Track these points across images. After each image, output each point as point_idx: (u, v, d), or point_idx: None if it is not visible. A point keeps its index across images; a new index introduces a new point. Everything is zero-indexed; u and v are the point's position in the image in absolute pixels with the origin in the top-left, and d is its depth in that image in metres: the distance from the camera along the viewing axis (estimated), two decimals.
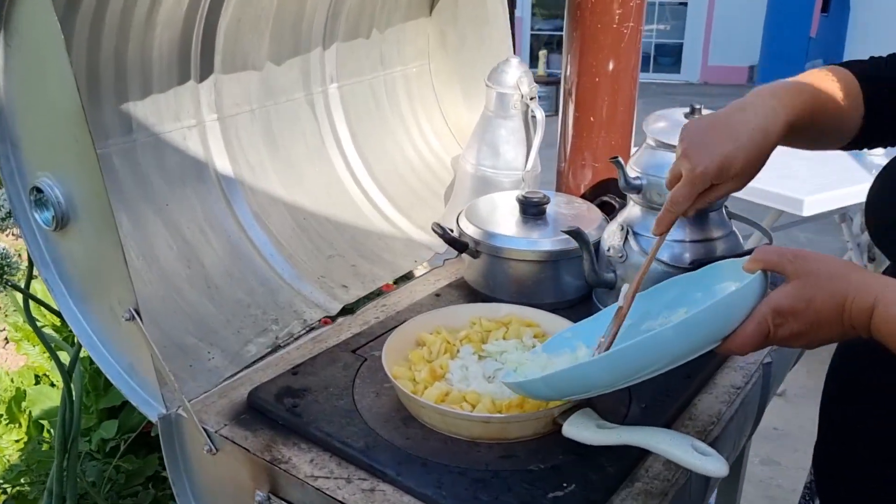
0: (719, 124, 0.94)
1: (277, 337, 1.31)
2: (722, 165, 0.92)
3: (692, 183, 0.94)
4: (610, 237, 1.25)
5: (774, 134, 0.93)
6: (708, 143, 0.93)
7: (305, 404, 1.10)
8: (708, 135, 0.94)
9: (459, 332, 1.20)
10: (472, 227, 1.37)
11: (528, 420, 1.00)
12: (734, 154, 0.92)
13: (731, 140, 0.92)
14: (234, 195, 1.44)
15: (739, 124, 0.93)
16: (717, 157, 0.92)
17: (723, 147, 0.92)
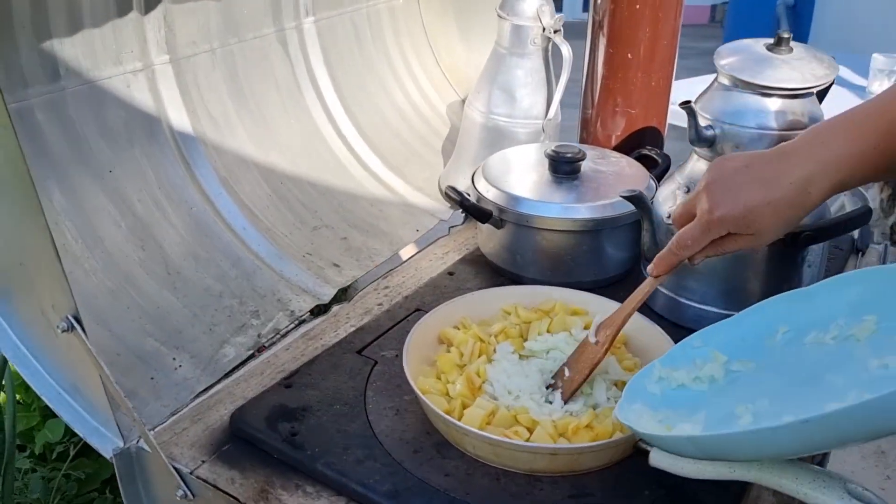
0: (755, 167, 0.79)
1: (260, 335, 1.06)
2: (744, 216, 0.77)
3: (706, 228, 0.80)
4: (670, 201, 1.02)
5: (816, 194, 0.77)
6: (735, 186, 0.78)
7: (307, 430, 0.86)
8: (739, 176, 0.79)
9: (492, 326, 0.97)
10: (492, 189, 1.12)
11: (605, 449, 0.78)
12: (761, 207, 0.77)
13: (763, 189, 0.77)
14: (195, 157, 1.17)
15: (778, 173, 0.77)
16: (741, 206, 0.77)
17: (751, 195, 0.77)
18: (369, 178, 1.37)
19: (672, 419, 0.76)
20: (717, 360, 0.81)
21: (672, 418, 0.76)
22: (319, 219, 1.26)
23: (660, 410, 0.77)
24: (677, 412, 0.78)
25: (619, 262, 1.13)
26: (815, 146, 0.77)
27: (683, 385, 0.80)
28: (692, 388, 0.80)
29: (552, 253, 1.10)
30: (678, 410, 0.78)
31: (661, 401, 0.79)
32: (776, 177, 0.76)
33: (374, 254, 1.24)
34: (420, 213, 1.35)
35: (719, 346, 0.82)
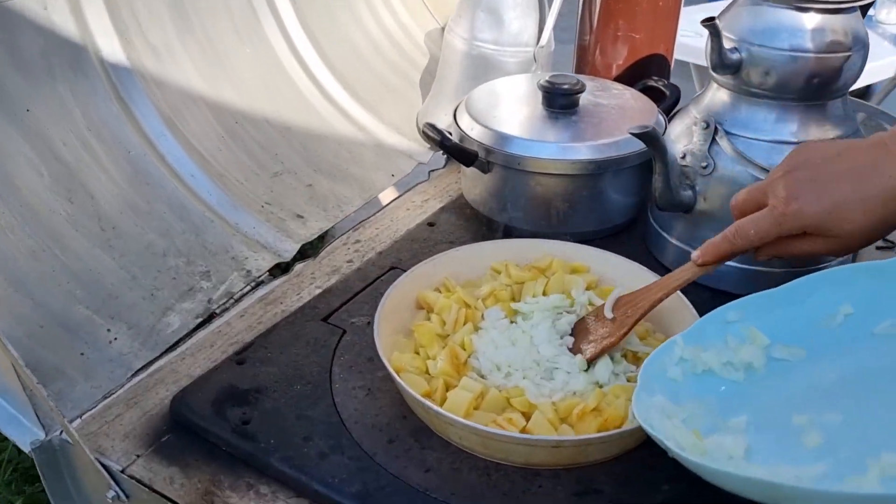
0: (848, 155, 0.67)
1: (210, 300, 0.91)
2: (829, 212, 0.66)
3: (778, 221, 0.67)
4: (684, 139, 0.87)
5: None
6: (823, 177, 0.66)
7: (261, 416, 0.72)
8: (827, 167, 0.67)
9: (479, 288, 0.83)
10: (478, 127, 0.97)
11: (615, 439, 0.65)
12: (851, 204, 0.65)
13: (856, 187, 0.65)
14: (132, 92, 1.00)
15: (876, 164, 0.65)
16: (827, 202, 0.66)
17: (840, 191, 0.65)
18: (337, 116, 1.21)
19: (701, 419, 0.62)
20: (755, 342, 0.67)
21: (701, 418, 0.63)
22: (280, 163, 1.11)
23: (683, 404, 0.63)
24: (706, 408, 0.64)
25: (623, 209, 0.99)
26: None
27: (711, 370, 0.66)
28: (723, 376, 0.66)
29: (547, 200, 0.95)
30: (707, 405, 0.64)
31: (683, 390, 0.65)
32: (873, 168, 0.63)
33: (344, 202, 1.09)
34: (396, 155, 1.20)
35: (760, 324, 0.68)
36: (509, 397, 0.69)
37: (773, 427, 0.61)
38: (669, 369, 0.66)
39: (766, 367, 0.66)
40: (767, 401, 0.64)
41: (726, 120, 0.84)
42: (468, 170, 0.99)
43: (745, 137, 0.83)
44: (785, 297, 0.68)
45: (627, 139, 0.93)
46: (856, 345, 0.65)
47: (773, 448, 0.60)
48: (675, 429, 0.60)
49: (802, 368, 0.66)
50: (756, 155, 0.82)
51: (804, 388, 0.64)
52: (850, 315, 0.67)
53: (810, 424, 0.60)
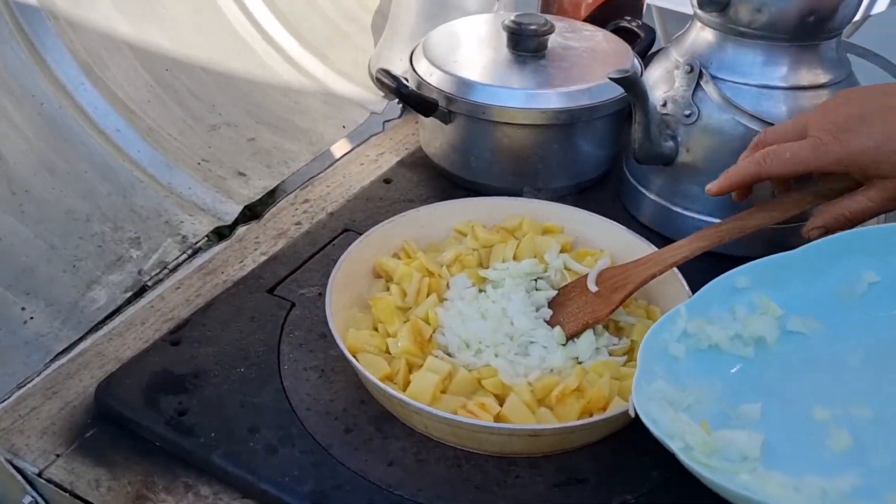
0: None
1: (141, 270, 0.81)
2: (881, 147, 0.58)
3: (822, 149, 0.60)
4: (663, 84, 0.79)
5: None
6: (870, 114, 0.59)
7: (200, 405, 0.64)
8: (874, 104, 0.60)
9: (443, 253, 0.75)
10: (437, 73, 0.88)
11: (600, 424, 0.58)
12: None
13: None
14: (42, 36, 0.88)
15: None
16: (879, 134, 0.58)
17: (890, 124, 0.58)
18: (281, 62, 1.10)
19: (709, 406, 0.55)
20: (768, 313, 0.59)
21: (708, 404, 0.55)
22: (218, 114, 1.00)
23: (688, 388, 0.56)
24: (714, 392, 0.57)
25: (596, 162, 0.91)
26: None
27: (718, 346, 0.59)
28: (731, 352, 0.59)
29: (515, 153, 0.87)
30: (715, 388, 0.57)
31: (687, 370, 0.57)
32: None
33: (290, 157, 0.99)
34: (346, 104, 1.10)
35: (773, 292, 0.60)
36: (480, 378, 0.62)
37: (791, 420, 0.54)
38: (671, 346, 0.58)
39: (780, 341, 0.59)
40: (783, 385, 0.57)
41: (712, 63, 0.77)
42: (427, 120, 0.90)
43: (732, 82, 0.76)
44: (801, 261, 0.60)
45: (601, 85, 0.85)
46: (881, 319, 0.58)
47: (794, 448, 0.52)
48: (683, 424, 0.52)
49: (821, 345, 0.59)
50: (744, 101, 0.75)
51: (824, 369, 0.57)
52: (875, 284, 0.59)
53: (835, 421, 0.53)
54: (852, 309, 0.59)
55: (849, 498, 0.47)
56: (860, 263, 0.59)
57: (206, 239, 0.86)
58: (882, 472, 0.50)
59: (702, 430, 0.52)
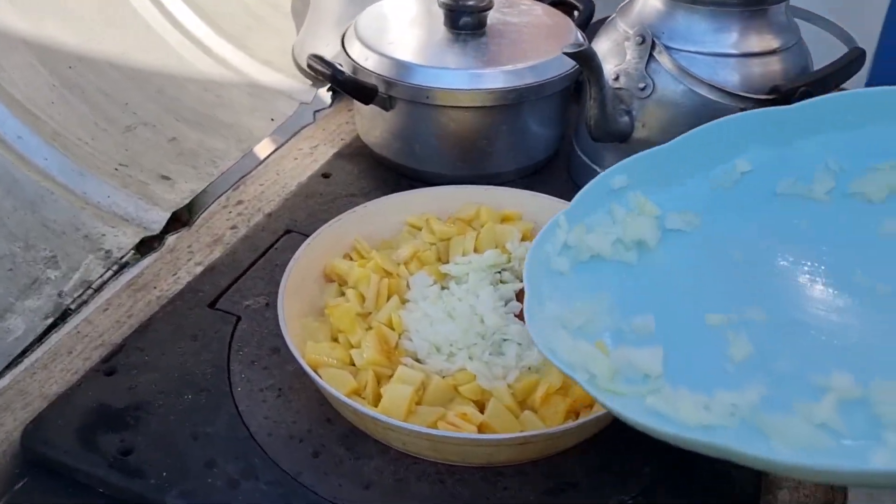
0: None
1: (62, 293, 0.73)
2: None
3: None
4: (613, 57, 0.76)
5: None
6: None
7: (146, 442, 0.57)
8: None
9: (398, 250, 0.69)
10: (373, 56, 0.82)
11: (591, 424, 0.54)
12: None
13: None
14: None
15: None
16: None
17: None
18: (198, 54, 1.02)
19: (601, 323, 0.52)
20: (645, 212, 0.56)
21: (601, 321, 0.52)
22: (133, 114, 0.91)
23: (577, 306, 0.52)
24: (604, 307, 0.54)
25: (545, 143, 0.87)
26: None
27: (600, 256, 0.55)
28: (613, 258, 0.56)
29: (462, 137, 0.82)
30: (604, 303, 0.54)
31: (574, 286, 0.53)
32: None
33: (218, 156, 0.92)
34: (273, 95, 1.03)
35: (648, 189, 0.57)
36: (456, 385, 0.57)
37: (686, 331, 0.51)
38: (554, 260, 0.54)
39: (661, 242, 0.56)
40: (672, 290, 0.54)
41: (663, 33, 0.74)
42: (364, 108, 0.84)
43: (686, 52, 0.73)
44: (673, 154, 0.57)
45: (548, 62, 0.81)
46: (757, 206, 0.56)
47: (694, 361, 0.50)
48: (582, 352, 0.49)
49: (702, 242, 0.56)
50: (699, 71, 0.72)
51: (710, 269, 0.54)
52: (748, 173, 0.57)
53: (732, 327, 0.50)
54: (728, 199, 0.57)
55: (759, 410, 0.46)
56: (732, 150, 0.57)
57: (132, 252, 0.78)
58: (787, 379, 0.48)
59: (600, 354, 0.49)
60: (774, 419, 0.45)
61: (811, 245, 0.55)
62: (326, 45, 0.99)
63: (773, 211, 0.57)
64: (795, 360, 0.50)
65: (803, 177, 0.56)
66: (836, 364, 0.47)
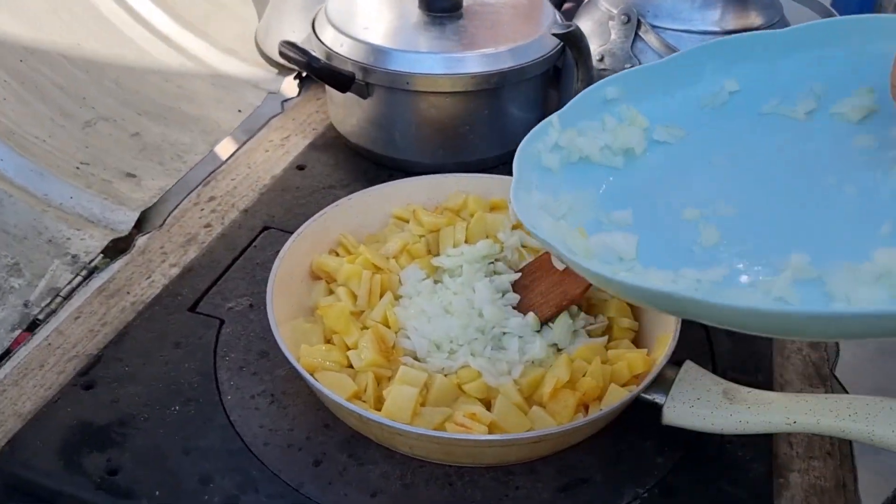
0: None
1: (28, 302, 0.69)
2: None
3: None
4: (597, 38, 0.74)
5: None
6: None
7: (134, 459, 0.54)
8: None
9: (387, 244, 0.67)
10: (348, 41, 0.79)
11: (603, 418, 0.52)
12: None
13: None
14: None
15: None
16: None
17: None
18: (156, 43, 0.97)
19: (582, 214, 0.54)
20: (635, 123, 0.57)
21: (582, 212, 0.54)
22: (91, 108, 0.87)
23: (562, 198, 0.54)
24: (587, 201, 0.56)
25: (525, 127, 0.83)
26: None
27: (588, 158, 0.57)
28: (601, 162, 0.57)
29: (444, 124, 0.80)
30: (587, 197, 0.56)
31: (560, 181, 0.55)
32: None
33: (185, 151, 0.87)
34: (238, 85, 0.99)
35: (639, 102, 0.58)
36: (461, 383, 0.55)
37: (662, 223, 0.54)
38: (545, 157, 0.55)
39: (648, 152, 0.58)
40: (653, 191, 0.56)
41: (648, 11, 0.72)
42: (339, 96, 0.81)
43: (672, 30, 0.72)
44: (665, 71, 0.59)
45: (528, 44, 0.79)
46: (741, 126, 0.57)
47: (667, 247, 0.52)
48: (562, 230, 0.51)
49: (686, 153, 0.57)
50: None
51: (690, 176, 0.56)
52: (735, 93, 0.58)
53: (703, 219, 0.53)
54: (715, 117, 0.58)
55: (721, 285, 0.49)
56: (721, 72, 0.58)
57: (100, 256, 0.74)
58: (749, 261, 0.50)
59: (580, 236, 0.51)
60: (735, 291, 0.48)
61: (788, 155, 0.56)
62: (293, 31, 0.95)
63: (755, 126, 0.58)
64: (759, 245, 0.52)
65: (787, 98, 0.57)
66: (796, 248, 0.49)
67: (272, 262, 0.70)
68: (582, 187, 0.56)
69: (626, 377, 0.56)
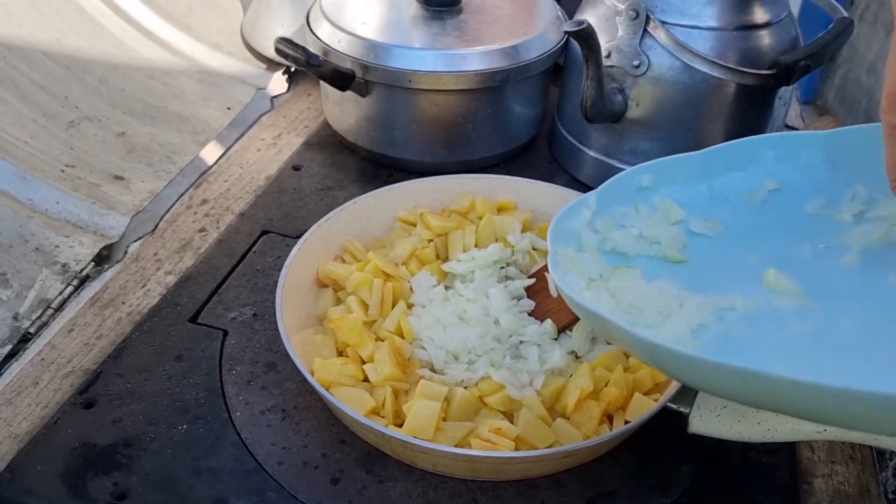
0: None
1: (17, 315, 0.65)
2: None
3: None
4: (603, 34, 0.72)
5: None
6: None
7: (141, 481, 0.51)
8: None
9: (394, 249, 0.65)
10: (346, 37, 0.76)
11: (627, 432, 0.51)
12: None
13: None
14: None
15: None
16: None
17: None
18: (140, 39, 0.94)
19: None
20: (669, 214, 0.57)
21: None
22: (75, 107, 0.83)
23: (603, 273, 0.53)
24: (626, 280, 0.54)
25: (528, 124, 0.83)
26: None
27: (622, 252, 0.56)
28: (637, 252, 0.56)
29: (446, 122, 0.77)
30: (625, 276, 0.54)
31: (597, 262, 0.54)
32: None
33: (174, 152, 0.84)
34: (226, 81, 0.95)
35: (675, 193, 0.57)
36: (482, 395, 0.53)
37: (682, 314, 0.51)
38: (583, 235, 0.55)
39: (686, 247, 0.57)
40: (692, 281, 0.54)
41: (657, 6, 0.70)
42: (335, 93, 0.78)
43: (682, 26, 0.70)
44: (703, 163, 0.58)
45: (531, 40, 0.77)
46: (781, 220, 0.57)
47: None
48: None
49: (721, 247, 0.56)
50: (697, 45, 0.70)
51: (721, 268, 0.55)
52: (775, 189, 0.58)
53: (722, 311, 0.51)
54: (751, 213, 0.58)
55: None
56: (761, 168, 0.58)
57: (91, 264, 0.71)
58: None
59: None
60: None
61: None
62: (282, 25, 0.92)
63: (799, 226, 0.57)
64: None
65: (832, 200, 0.56)
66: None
67: (273, 268, 0.68)
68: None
69: (648, 385, 0.55)
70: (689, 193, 0.58)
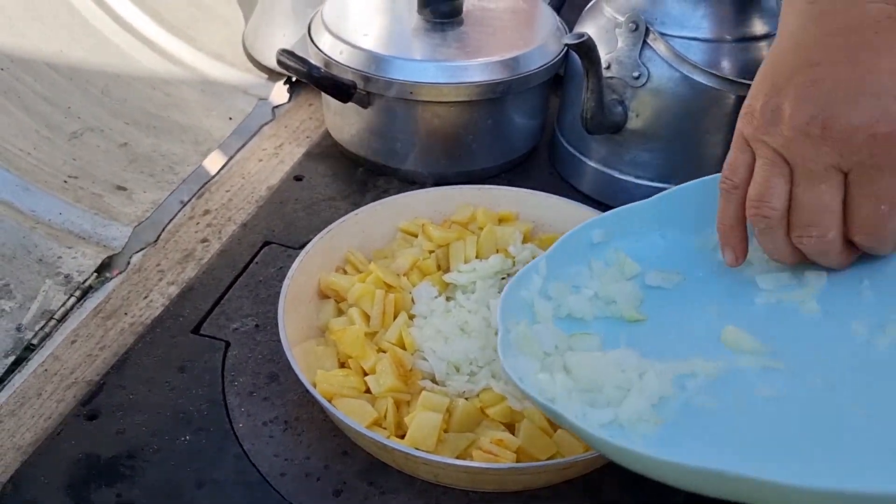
0: (852, 77, 0.43)
1: (21, 326, 0.66)
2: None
3: (810, 145, 0.44)
4: (603, 45, 0.73)
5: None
6: (844, 79, 0.44)
7: (145, 493, 0.51)
8: (840, 70, 0.44)
9: (396, 260, 0.65)
10: (348, 49, 0.76)
11: None
12: None
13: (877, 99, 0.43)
14: None
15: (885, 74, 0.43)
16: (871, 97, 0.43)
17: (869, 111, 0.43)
18: (142, 49, 0.94)
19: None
20: (624, 269, 0.55)
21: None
22: (77, 118, 0.83)
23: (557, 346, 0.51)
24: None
25: (528, 135, 0.84)
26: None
27: (580, 319, 0.54)
28: (593, 316, 0.54)
29: (447, 134, 0.78)
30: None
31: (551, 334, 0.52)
32: (885, 79, 0.43)
33: (176, 162, 0.84)
34: (228, 91, 0.96)
35: (628, 246, 0.56)
36: (483, 407, 0.54)
37: None
38: (536, 304, 0.53)
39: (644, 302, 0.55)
40: (648, 341, 0.51)
41: (656, 19, 0.71)
42: (336, 104, 0.79)
43: (681, 38, 0.70)
44: (655, 210, 0.56)
45: (532, 51, 0.77)
46: (736, 272, 0.53)
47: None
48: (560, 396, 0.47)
49: (681, 303, 0.53)
50: (697, 57, 0.70)
51: (680, 325, 0.52)
52: None
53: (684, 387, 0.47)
54: (709, 259, 0.55)
55: None
56: (711, 214, 0.53)
57: (94, 275, 0.71)
58: None
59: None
60: None
61: None
62: (283, 35, 0.93)
63: (748, 275, 0.54)
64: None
65: None
66: None
67: (275, 279, 0.68)
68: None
69: None
70: (643, 244, 0.57)
